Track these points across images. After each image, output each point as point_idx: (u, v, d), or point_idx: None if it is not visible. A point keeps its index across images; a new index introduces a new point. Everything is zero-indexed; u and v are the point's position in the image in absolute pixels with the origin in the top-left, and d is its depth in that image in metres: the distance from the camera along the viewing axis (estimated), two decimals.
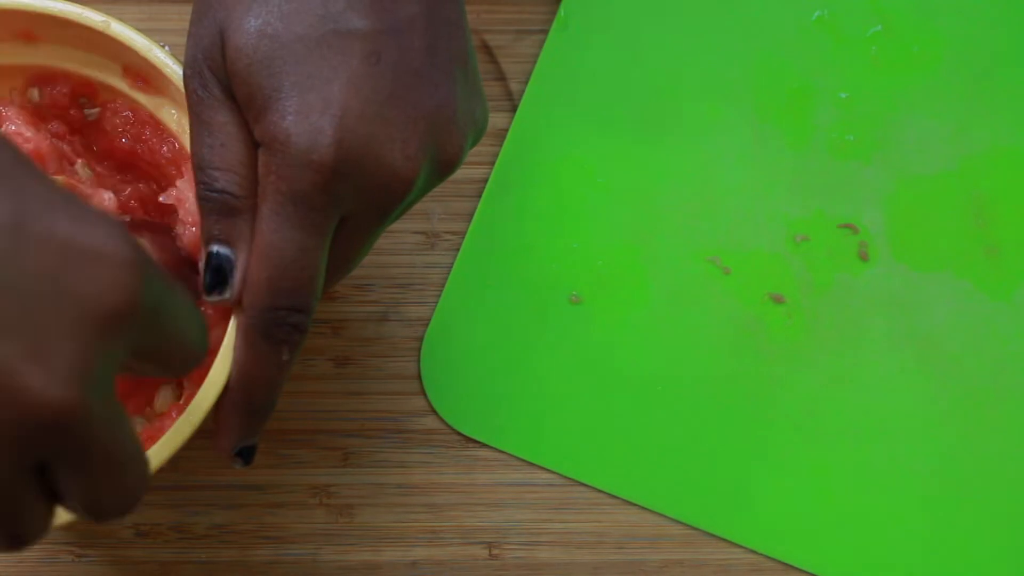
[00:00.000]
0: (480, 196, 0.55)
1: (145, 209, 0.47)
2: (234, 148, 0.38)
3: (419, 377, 0.54)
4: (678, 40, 0.56)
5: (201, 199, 0.39)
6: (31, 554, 0.52)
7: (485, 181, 0.55)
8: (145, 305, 0.29)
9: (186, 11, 0.40)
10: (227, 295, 0.39)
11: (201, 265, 0.39)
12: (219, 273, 0.39)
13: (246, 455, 0.42)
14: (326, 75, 0.37)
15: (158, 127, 0.46)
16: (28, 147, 0.43)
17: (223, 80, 0.38)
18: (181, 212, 0.43)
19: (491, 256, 0.54)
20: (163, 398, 0.44)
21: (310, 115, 0.37)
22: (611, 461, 0.53)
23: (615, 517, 0.53)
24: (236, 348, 0.40)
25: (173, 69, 0.43)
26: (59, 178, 0.44)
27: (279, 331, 0.39)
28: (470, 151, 0.42)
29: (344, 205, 0.38)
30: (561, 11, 0.56)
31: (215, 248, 0.39)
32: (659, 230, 0.54)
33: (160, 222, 0.45)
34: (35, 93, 0.46)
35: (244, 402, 0.40)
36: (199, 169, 0.39)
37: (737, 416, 0.53)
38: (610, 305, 0.54)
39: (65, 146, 0.45)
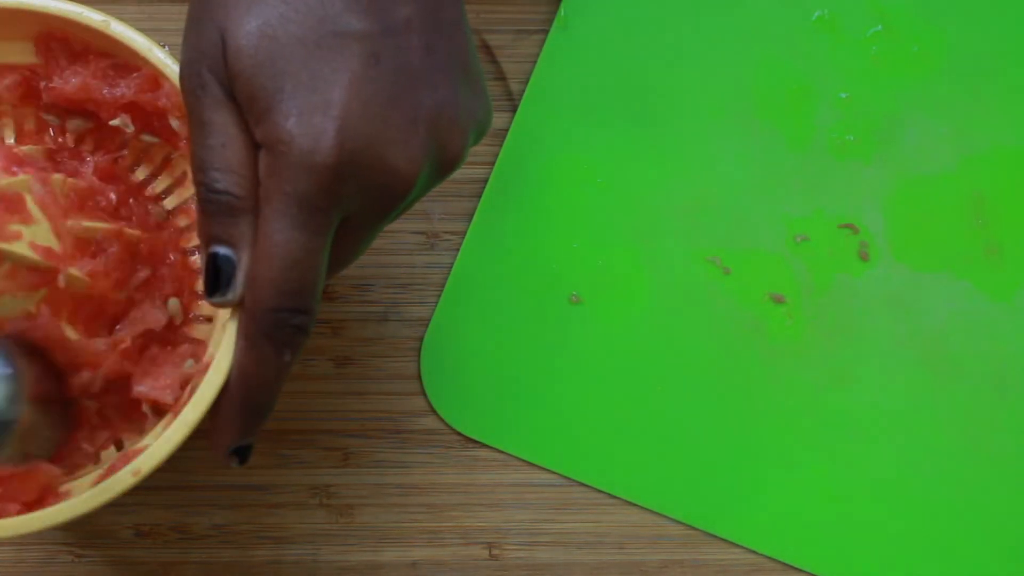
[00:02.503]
0: (480, 196, 0.55)
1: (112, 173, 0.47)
2: (235, 149, 0.38)
3: (419, 377, 0.54)
4: (678, 40, 0.56)
5: (202, 200, 0.38)
6: (31, 554, 0.52)
7: (485, 181, 0.55)
8: None
9: (186, 11, 0.40)
10: (230, 296, 0.39)
11: (203, 268, 0.39)
12: (221, 275, 0.39)
13: (242, 454, 0.42)
14: (327, 77, 0.37)
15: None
16: None
17: (223, 81, 0.38)
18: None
19: (491, 256, 0.54)
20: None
21: (313, 117, 0.37)
22: (611, 461, 0.53)
23: (615, 517, 0.53)
24: (237, 348, 0.40)
25: (173, 69, 0.43)
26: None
27: (282, 333, 0.39)
28: (471, 150, 0.42)
29: (346, 205, 0.38)
30: (561, 11, 0.56)
31: (217, 249, 0.39)
32: (659, 230, 0.54)
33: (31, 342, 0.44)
34: None
35: (243, 402, 0.40)
36: (199, 170, 0.39)
37: (737, 416, 0.53)
38: (610, 305, 0.54)
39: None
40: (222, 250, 0.39)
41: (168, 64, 0.43)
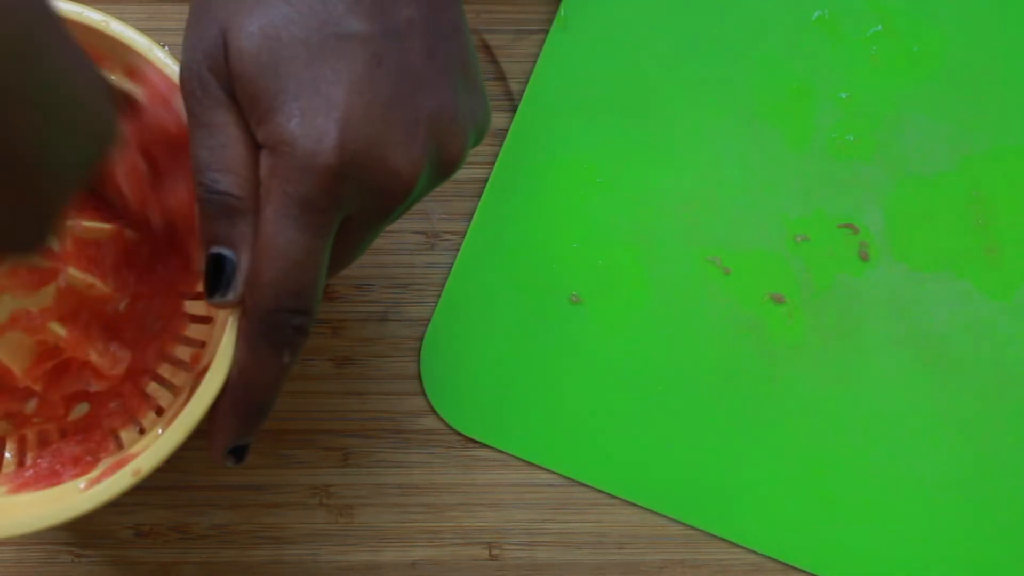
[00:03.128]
0: (480, 196, 0.55)
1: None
2: (235, 149, 0.38)
3: (419, 377, 0.54)
4: (678, 40, 0.56)
5: (202, 201, 0.38)
6: (31, 554, 0.52)
7: (485, 181, 0.55)
8: None
9: (186, 11, 0.40)
10: (230, 297, 0.39)
11: (203, 268, 0.39)
12: (221, 275, 0.39)
13: (239, 454, 0.42)
14: (329, 78, 0.37)
15: None
16: None
17: (224, 82, 0.38)
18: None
19: (491, 256, 0.54)
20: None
21: (315, 118, 0.37)
22: (611, 461, 0.53)
23: (615, 517, 0.53)
24: (237, 349, 0.40)
25: (173, 69, 0.43)
26: None
27: (282, 333, 0.39)
28: (471, 150, 0.42)
29: (347, 206, 0.38)
30: (561, 11, 0.56)
31: (217, 250, 0.39)
32: (659, 230, 0.54)
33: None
34: None
35: (243, 403, 0.40)
36: (200, 171, 0.38)
37: (737, 416, 0.53)
38: (610, 305, 0.54)
39: None
40: (222, 251, 0.39)
41: (168, 64, 0.43)
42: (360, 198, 0.38)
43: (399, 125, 0.38)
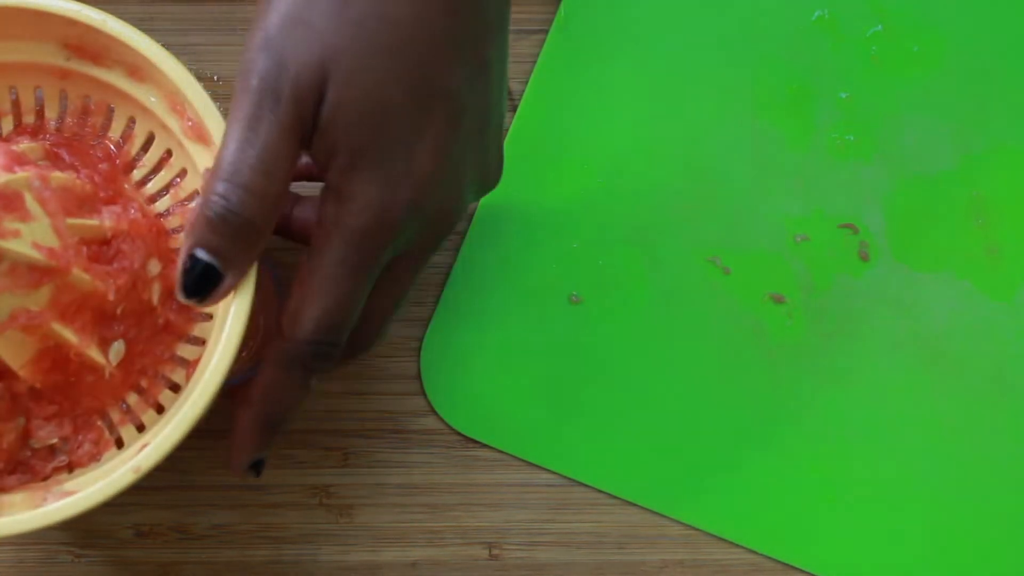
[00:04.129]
0: None
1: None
2: (278, 179, 0.38)
3: (419, 377, 0.54)
4: (678, 40, 0.56)
5: (217, 210, 0.38)
6: (31, 554, 0.52)
7: None
8: None
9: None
10: (203, 307, 0.40)
11: (182, 262, 0.39)
12: (202, 284, 0.39)
13: (258, 467, 0.44)
14: (415, 144, 0.38)
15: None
16: None
17: (301, 109, 0.37)
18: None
19: (491, 256, 0.54)
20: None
21: (397, 187, 0.38)
22: (611, 461, 0.53)
23: (615, 517, 0.53)
24: (266, 371, 0.41)
25: (169, 65, 0.43)
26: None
27: (315, 362, 0.41)
28: None
29: (399, 249, 0.40)
30: (561, 11, 0.56)
31: (206, 258, 0.38)
32: (659, 230, 0.54)
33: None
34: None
35: (267, 420, 0.42)
36: (225, 176, 0.37)
37: (737, 416, 0.53)
38: (610, 305, 0.54)
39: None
40: (212, 262, 0.38)
41: (164, 60, 0.43)
42: (413, 239, 0.40)
43: (464, 178, 0.41)
